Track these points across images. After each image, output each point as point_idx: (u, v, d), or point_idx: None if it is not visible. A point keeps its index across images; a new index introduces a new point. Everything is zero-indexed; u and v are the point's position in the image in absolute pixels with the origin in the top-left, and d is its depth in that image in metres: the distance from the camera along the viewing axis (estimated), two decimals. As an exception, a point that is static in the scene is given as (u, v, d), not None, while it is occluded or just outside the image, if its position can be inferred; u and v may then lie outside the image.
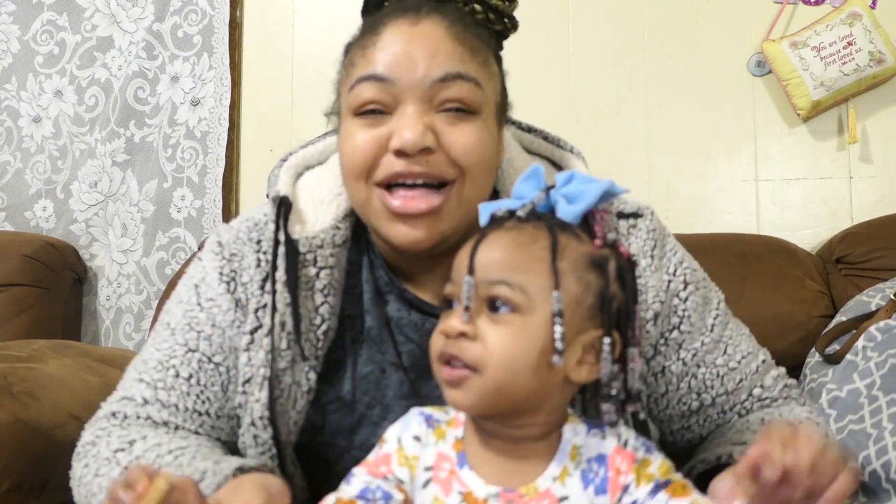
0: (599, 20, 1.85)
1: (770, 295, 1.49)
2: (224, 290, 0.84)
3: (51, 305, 1.81)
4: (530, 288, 0.60)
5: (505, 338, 0.60)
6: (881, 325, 1.17)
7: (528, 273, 0.61)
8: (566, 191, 0.64)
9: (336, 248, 0.85)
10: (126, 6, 2.00)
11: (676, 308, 0.86)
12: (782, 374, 0.91)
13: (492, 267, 0.61)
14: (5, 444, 1.01)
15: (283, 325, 0.80)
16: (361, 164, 0.78)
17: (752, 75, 1.79)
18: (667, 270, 0.87)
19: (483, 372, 0.60)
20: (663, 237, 0.89)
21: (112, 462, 0.77)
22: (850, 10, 1.70)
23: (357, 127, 0.78)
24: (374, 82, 0.76)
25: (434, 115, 0.76)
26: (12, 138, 2.05)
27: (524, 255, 0.61)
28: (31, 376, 1.13)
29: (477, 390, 0.60)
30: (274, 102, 1.93)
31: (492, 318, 0.61)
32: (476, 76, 0.77)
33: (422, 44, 0.76)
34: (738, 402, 0.87)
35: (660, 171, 1.81)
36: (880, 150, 1.75)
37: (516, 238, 0.62)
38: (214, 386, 0.83)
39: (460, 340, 0.60)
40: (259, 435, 0.79)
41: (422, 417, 0.67)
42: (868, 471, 1.02)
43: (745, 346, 0.90)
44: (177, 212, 1.94)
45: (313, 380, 0.81)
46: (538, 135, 0.94)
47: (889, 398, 1.06)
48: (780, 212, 1.77)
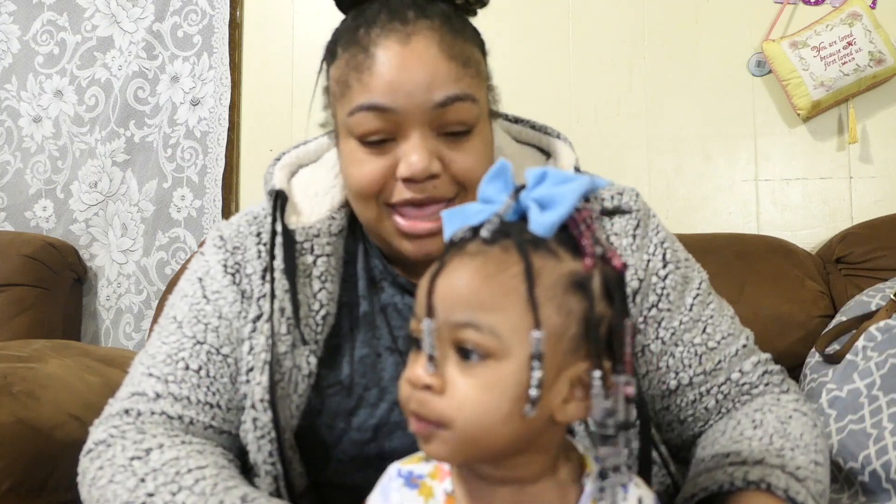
0: (599, 20, 1.85)
1: (770, 295, 1.49)
2: (229, 281, 0.86)
3: (51, 305, 1.81)
4: (503, 329, 0.51)
5: (476, 391, 0.51)
6: (881, 325, 1.17)
7: (499, 311, 0.51)
8: (538, 194, 0.53)
9: (332, 236, 0.87)
10: (126, 6, 2.00)
11: (655, 286, 0.87)
12: (764, 360, 0.90)
13: (456, 306, 0.52)
14: (5, 444, 1.01)
15: (283, 310, 0.82)
16: (370, 191, 0.80)
17: (752, 75, 1.79)
18: (647, 250, 0.88)
19: (453, 427, 0.51)
20: (647, 217, 0.90)
21: (128, 470, 0.76)
22: (850, 10, 1.70)
23: (363, 154, 0.80)
24: (376, 113, 0.77)
25: (436, 139, 0.78)
26: (12, 138, 2.05)
27: (493, 288, 0.51)
28: (31, 376, 1.13)
29: (450, 444, 0.52)
30: (274, 102, 1.93)
31: (461, 366, 0.52)
32: (472, 92, 0.78)
33: (417, 66, 0.76)
34: (715, 384, 0.87)
35: (660, 171, 1.81)
36: (880, 150, 1.75)
37: (482, 267, 0.52)
38: (224, 377, 0.84)
39: (425, 393, 0.52)
40: (259, 418, 0.80)
41: (401, 480, 0.59)
42: (868, 471, 1.02)
43: (727, 327, 0.89)
44: (177, 212, 1.94)
45: (314, 364, 0.83)
46: (525, 124, 0.95)
47: (889, 398, 1.06)
48: (780, 212, 1.78)
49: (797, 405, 0.85)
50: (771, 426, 0.81)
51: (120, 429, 0.81)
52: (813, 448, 0.79)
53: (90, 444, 0.83)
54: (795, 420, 0.82)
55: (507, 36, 1.86)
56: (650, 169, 1.81)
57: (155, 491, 0.73)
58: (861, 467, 1.03)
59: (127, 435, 0.80)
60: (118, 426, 0.82)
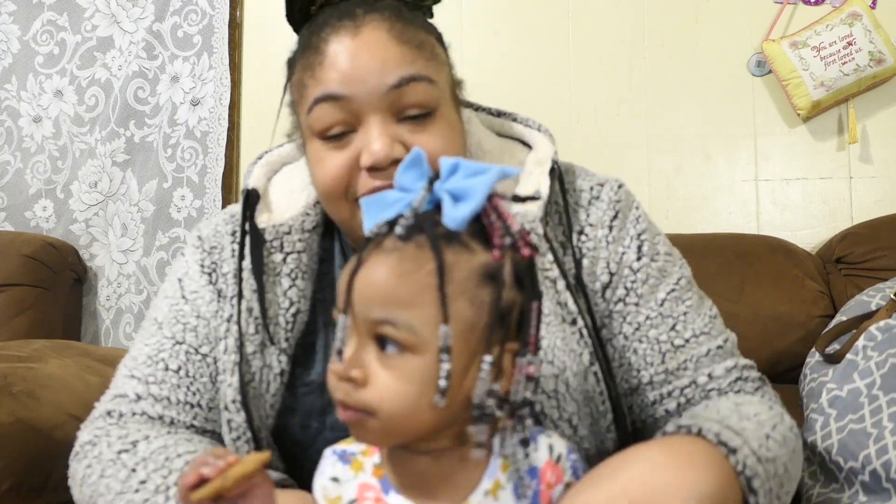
0: (599, 20, 1.85)
1: (770, 295, 1.49)
2: (206, 281, 0.87)
3: (51, 305, 1.81)
4: (418, 325, 0.53)
5: (395, 381, 0.54)
6: (881, 325, 1.17)
7: (415, 307, 0.54)
8: (451, 186, 0.55)
9: (305, 233, 0.86)
10: (126, 6, 2.00)
11: (626, 279, 0.83)
12: (741, 367, 0.82)
13: (374, 302, 0.54)
14: (5, 444, 1.01)
15: (251, 310, 0.82)
16: (337, 187, 0.79)
17: (752, 75, 1.79)
18: (622, 242, 0.84)
19: (378, 415, 0.54)
20: (627, 208, 0.86)
21: (118, 463, 0.77)
22: (850, 10, 1.70)
23: (325, 151, 0.79)
24: (331, 103, 0.76)
25: (397, 125, 0.77)
26: (12, 138, 2.05)
27: (409, 285, 0.54)
28: (31, 376, 1.13)
29: (376, 430, 0.55)
30: (274, 102, 1.91)
31: (380, 357, 0.55)
32: (427, 73, 0.77)
33: (368, 53, 0.75)
34: (678, 385, 0.80)
35: (660, 171, 1.81)
36: (880, 150, 1.75)
37: (398, 264, 0.54)
38: (203, 377, 0.84)
39: (348, 384, 0.55)
40: (233, 419, 0.79)
41: (335, 457, 0.63)
42: (868, 470, 1.02)
43: (701, 325, 0.82)
44: (177, 212, 1.94)
45: (285, 362, 0.82)
46: (508, 118, 0.93)
47: (889, 397, 1.06)
48: (780, 212, 1.78)
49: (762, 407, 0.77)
50: (724, 406, 0.75)
51: (104, 429, 0.82)
52: (769, 426, 0.72)
53: (77, 447, 0.84)
54: (755, 405, 0.76)
55: (507, 36, 1.86)
56: (650, 169, 1.81)
57: (147, 478, 0.74)
58: (861, 467, 1.03)
59: (111, 432, 0.81)
60: (102, 427, 0.83)
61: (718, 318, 0.86)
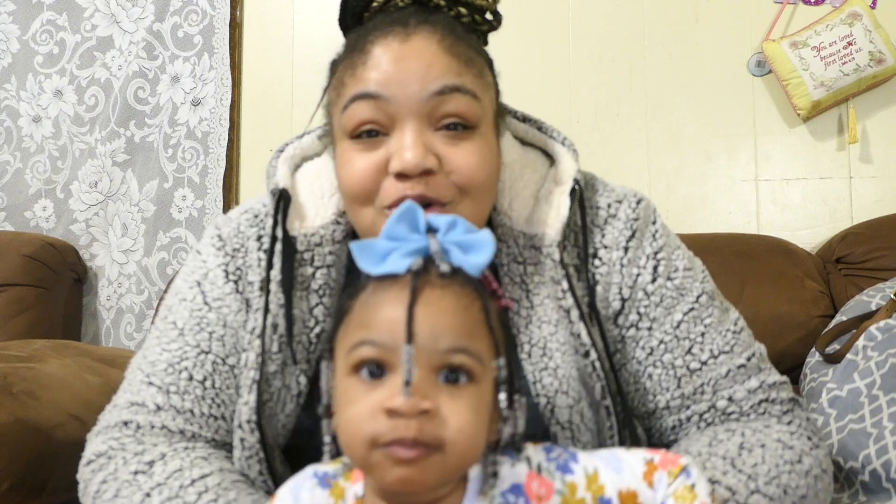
0: (599, 20, 1.85)
1: (770, 295, 1.49)
2: (231, 289, 0.83)
3: (51, 305, 1.81)
4: (483, 355, 0.56)
5: (468, 412, 0.54)
6: (881, 325, 1.17)
7: (479, 339, 0.56)
8: (458, 239, 0.58)
9: (336, 244, 0.82)
10: (126, 6, 2.00)
11: (639, 304, 0.80)
12: (768, 386, 0.79)
13: (446, 332, 0.55)
14: (5, 444, 1.01)
15: (276, 326, 0.78)
16: (362, 191, 0.75)
17: (752, 75, 1.79)
18: (638, 263, 0.81)
19: (446, 450, 0.53)
20: (645, 225, 0.83)
21: (133, 485, 0.75)
22: (850, 10, 1.70)
23: (354, 152, 0.75)
24: (368, 101, 0.73)
25: (433, 134, 0.73)
26: (12, 138, 2.05)
27: (472, 318, 0.56)
28: (31, 376, 1.13)
29: (438, 468, 0.53)
30: (274, 102, 1.93)
31: (448, 390, 0.54)
32: (473, 88, 0.74)
33: (415, 58, 0.73)
34: (696, 411, 0.78)
35: (660, 171, 1.81)
36: (880, 150, 1.75)
37: (457, 299, 0.56)
38: (229, 389, 0.81)
39: (421, 419, 0.52)
40: (246, 438, 0.76)
41: (315, 480, 0.61)
42: (868, 470, 1.02)
43: (721, 344, 0.79)
44: (178, 212, 1.94)
45: (304, 383, 0.79)
46: (532, 125, 0.90)
47: (889, 397, 1.06)
48: (780, 212, 1.78)
49: (786, 437, 0.75)
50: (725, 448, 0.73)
51: (119, 441, 0.79)
52: (764, 478, 0.70)
53: (90, 454, 0.80)
54: (765, 450, 0.73)
55: (507, 36, 1.85)
56: (650, 169, 1.81)
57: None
58: (861, 466, 1.03)
59: (127, 447, 0.78)
60: (118, 438, 0.79)
61: (745, 331, 0.82)
